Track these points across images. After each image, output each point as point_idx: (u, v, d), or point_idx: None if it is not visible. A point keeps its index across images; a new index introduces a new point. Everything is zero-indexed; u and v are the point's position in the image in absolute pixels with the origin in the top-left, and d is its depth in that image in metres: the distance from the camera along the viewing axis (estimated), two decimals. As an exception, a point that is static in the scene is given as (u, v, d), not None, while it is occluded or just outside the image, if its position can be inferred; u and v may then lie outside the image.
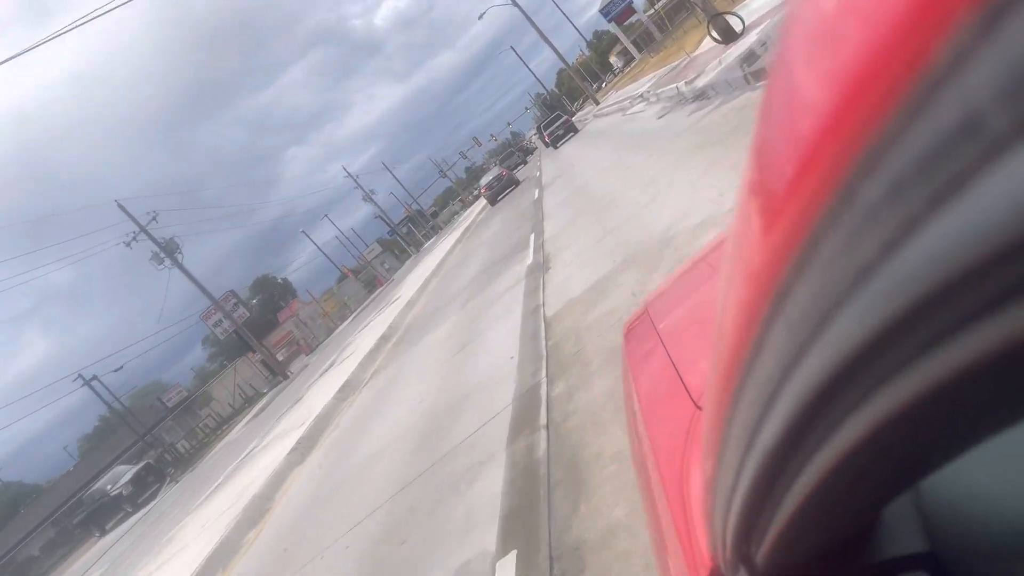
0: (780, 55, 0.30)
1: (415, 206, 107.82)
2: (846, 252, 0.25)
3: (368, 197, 72.36)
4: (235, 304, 42.59)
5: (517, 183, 35.58)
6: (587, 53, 72.27)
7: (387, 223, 76.16)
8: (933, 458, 0.32)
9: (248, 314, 42.96)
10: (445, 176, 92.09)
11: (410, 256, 70.14)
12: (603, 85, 52.81)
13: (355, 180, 70.30)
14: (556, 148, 35.00)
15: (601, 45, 77.48)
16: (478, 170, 78.50)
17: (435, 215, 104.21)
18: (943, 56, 0.19)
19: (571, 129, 36.02)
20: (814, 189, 0.26)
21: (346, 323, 46.51)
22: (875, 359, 0.26)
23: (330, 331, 52.98)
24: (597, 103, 40.84)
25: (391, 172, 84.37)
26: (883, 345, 0.25)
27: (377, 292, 52.14)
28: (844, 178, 0.24)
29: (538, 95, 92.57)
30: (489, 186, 37.09)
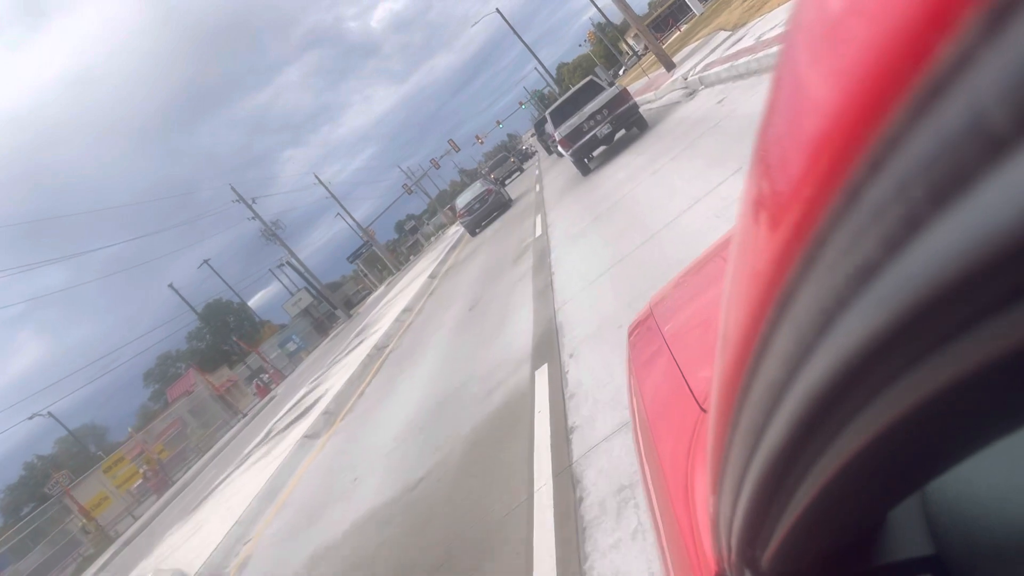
0: (785, 55, 0.30)
1: (407, 222, 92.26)
2: (852, 253, 0.25)
3: (271, 233, 48.54)
4: None
5: (507, 205, 25.14)
6: (598, 35, 67.56)
7: (307, 279, 51.14)
8: (940, 461, 0.32)
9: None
10: (410, 192, 73.46)
11: (339, 321, 48.19)
12: (620, 72, 47.51)
13: (248, 205, 46.55)
14: (586, 173, 13.98)
15: (607, 35, 75.07)
16: (474, 173, 65.00)
17: (415, 230, 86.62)
18: (949, 56, 0.19)
19: (629, 119, 13.37)
20: (819, 190, 0.26)
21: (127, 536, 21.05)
22: (881, 361, 0.26)
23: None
24: (670, 67, 18.83)
25: (334, 196, 60.86)
26: (889, 347, 0.25)
27: (245, 415, 31.97)
28: (849, 179, 0.24)
29: (535, 91, 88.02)
30: (469, 209, 25.25)
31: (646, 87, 20.57)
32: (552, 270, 8.10)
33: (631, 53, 65.53)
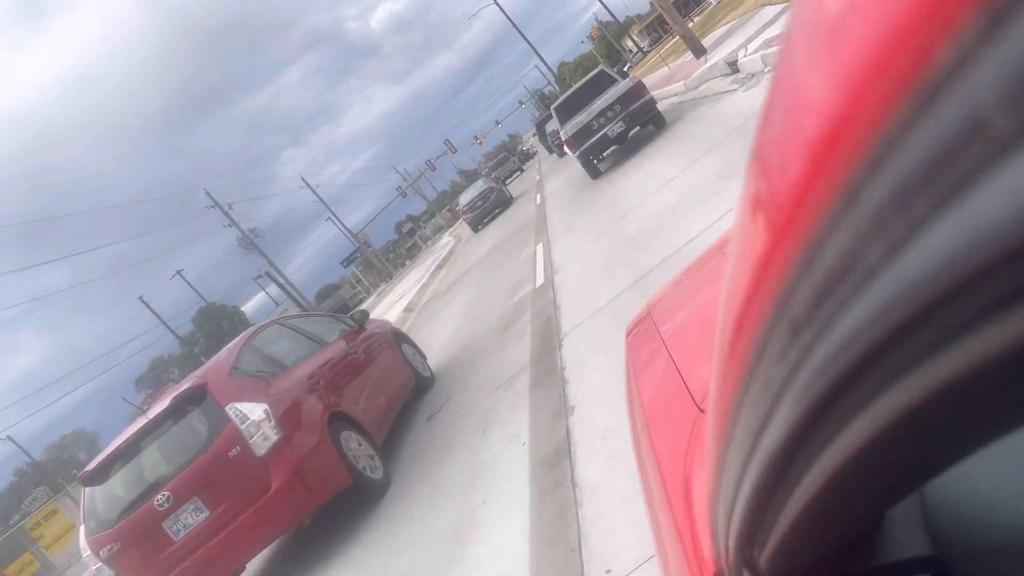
0: (783, 56, 0.30)
1: (405, 223, 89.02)
2: (850, 255, 0.25)
3: (249, 242, 43.29)
4: None
5: (508, 202, 26.14)
6: (602, 31, 66.63)
7: (288, 291, 44.69)
8: (938, 461, 0.32)
9: None
10: (405, 194, 69.33)
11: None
12: (625, 69, 47.71)
13: (225, 211, 41.75)
14: (596, 176, 11.96)
15: (610, 32, 74.16)
16: (473, 174, 63.57)
17: (412, 232, 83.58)
18: (947, 58, 0.19)
19: (645, 116, 11.19)
20: (817, 192, 0.26)
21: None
22: (878, 362, 0.26)
23: None
24: (700, 53, 14.77)
25: (323, 201, 56.79)
26: (886, 348, 0.25)
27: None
28: (847, 180, 0.24)
29: (535, 90, 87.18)
30: (472, 206, 26.20)
31: (668, 78, 17.19)
32: (568, 399, 4.02)
33: (636, 50, 64.43)
